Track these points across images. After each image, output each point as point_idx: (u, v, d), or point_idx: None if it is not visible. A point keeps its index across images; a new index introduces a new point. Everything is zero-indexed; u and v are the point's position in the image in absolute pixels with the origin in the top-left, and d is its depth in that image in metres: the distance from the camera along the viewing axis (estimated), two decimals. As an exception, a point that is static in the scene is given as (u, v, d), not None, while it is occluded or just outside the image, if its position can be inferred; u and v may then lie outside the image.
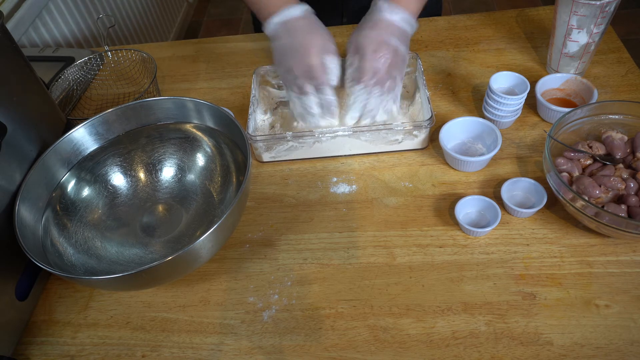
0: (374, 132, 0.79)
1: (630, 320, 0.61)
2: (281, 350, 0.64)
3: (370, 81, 0.76)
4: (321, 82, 0.77)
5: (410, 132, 0.79)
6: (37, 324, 0.70)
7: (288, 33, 0.77)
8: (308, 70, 0.76)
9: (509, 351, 0.60)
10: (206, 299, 0.70)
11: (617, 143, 0.72)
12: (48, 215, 0.69)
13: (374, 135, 0.79)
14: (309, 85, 0.77)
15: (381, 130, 0.78)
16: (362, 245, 0.72)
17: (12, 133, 0.66)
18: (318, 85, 0.77)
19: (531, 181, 0.73)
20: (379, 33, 0.76)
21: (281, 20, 0.77)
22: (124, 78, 1.02)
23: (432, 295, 0.66)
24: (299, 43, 0.76)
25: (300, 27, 0.77)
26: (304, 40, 0.76)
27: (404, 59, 0.78)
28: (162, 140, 0.78)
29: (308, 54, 0.75)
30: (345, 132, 0.78)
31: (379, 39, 0.75)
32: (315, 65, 0.75)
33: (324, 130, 0.79)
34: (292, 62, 0.76)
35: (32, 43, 1.44)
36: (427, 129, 0.79)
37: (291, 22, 0.77)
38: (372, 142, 0.81)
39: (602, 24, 0.80)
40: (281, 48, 0.78)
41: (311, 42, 0.76)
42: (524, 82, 0.81)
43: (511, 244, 0.70)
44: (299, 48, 0.76)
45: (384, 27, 0.76)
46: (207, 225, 0.72)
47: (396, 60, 0.76)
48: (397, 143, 0.80)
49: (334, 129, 0.79)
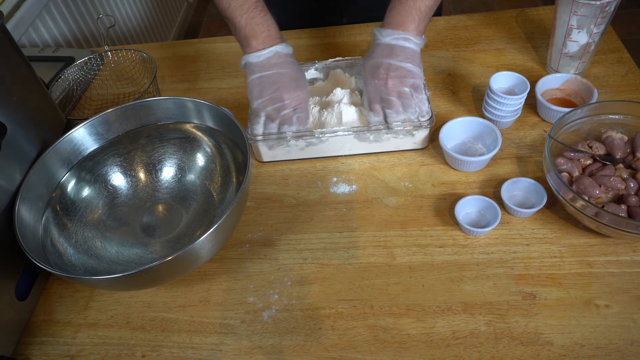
0: (374, 132, 0.79)
1: (630, 320, 0.61)
2: (281, 350, 0.64)
3: (378, 106, 0.78)
4: (305, 116, 0.80)
5: (410, 132, 0.79)
6: (37, 324, 0.70)
7: (282, 64, 0.79)
8: (298, 102, 0.79)
9: (509, 351, 0.60)
10: (206, 299, 0.70)
11: (617, 143, 0.72)
12: (48, 215, 0.69)
13: (374, 135, 0.79)
14: (294, 116, 0.79)
15: (381, 130, 0.78)
16: (362, 245, 0.72)
17: (12, 133, 0.66)
18: (300, 118, 0.80)
19: (531, 181, 0.73)
20: (376, 58, 0.78)
21: (277, 50, 0.79)
22: (124, 78, 1.02)
23: (432, 295, 0.66)
24: (295, 75, 0.80)
25: (292, 62, 0.81)
26: (298, 74, 0.80)
27: (411, 74, 0.78)
28: (162, 140, 0.78)
29: (302, 88, 0.80)
30: (345, 132, 0.78)
31: (376, 64, 0.78)
32: (304, 100, 0.80)
33: (325, 130, 0.79)
34: (285, 91, 0.78)
35: (32, 43, 1.43)
36: (427, 129, 0.79)
37: (284, 56, 0.80)
38: (372, 142, 0.81)
39: (602, 24, 0.80)
40: (273, 77, 0.79)
41: (303, 78, 0.81)
42: (524, 82, 0.81)
43: (511, 244, 0.70)
44: (296, 79, 0.79)
45: (380, 51, 0.78)
46: (207, 225, 0.72)
47: (399, 75, 0.77)
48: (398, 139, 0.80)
49: (334, 129, 0.79)
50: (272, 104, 0.79)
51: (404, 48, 0.78)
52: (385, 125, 0.78)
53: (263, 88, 0.79)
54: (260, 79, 0.79)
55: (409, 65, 0.77)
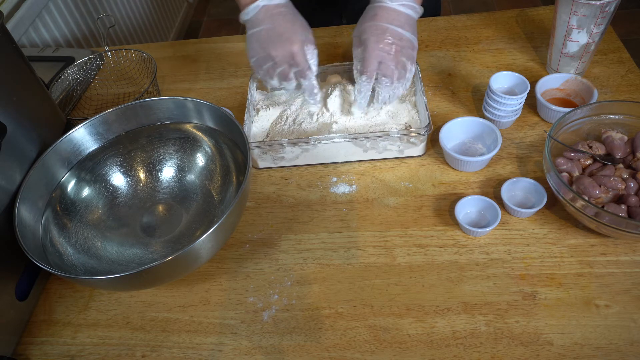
0: (370, 139, 0.78)
1: (630, 320, 0.61)
2: (281, 350, 0.64)
3: (374, 71, 0.76)
4: (303, 68, 0.77)
5: (407, 140, 0.78)
6: (37, 324, 0.70)
7: (270, 19, 0.76)
8: (290, 57, 0.75)
9: (509, 351, 0.60)
10: (206, 299, 0.70)
11: (617, 143, 0.72)
12: (48, 215, 0.69)
13: (370, 143, 0.79)
14: (290, 72, 0.77)
15: (378, 138, 0.78)
16: (362, 245, 0.72)
17: (12, 133, 0.66)
18: (300, 72, 0.77)
19: (531, 181, 0.73)
20: (380, 21, 0.75)
21: (263, 4, 0.76)
22: (124, 78, 1.02)
23: (432, 295, 0.66)
24: (282, 29, 0.75)
25: (283, 14, 0.76)
26: (286, 27, 0.76)
27: (411, 44, 0.76)
28: (162, 140, 0.78)
29: (291, 41, 0.75)
30: (341, 138, 0.78)
31: (381, 28, 0.74)
32: (298, 52, 0.75)
33: (320, 137, 0.78)
34: (272, 48, 0.75)
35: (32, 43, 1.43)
36: (425, 136, 0.79)
37: (273, 9, 0.76)
38: (369, 150, 0.80)
39: (602, 24, 0.80)
40: (260, 34, 0.76)
41: (293, 29, 0.76)
42: (524, 82, 0.81)
43: (511, 244, 0.70)
44: (282, 34, 0.75)
45: (385, 15, 0.75)
46: (207, 225, 0.72)
47: (402, 45, 0.75)
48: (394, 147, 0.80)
49: (330, 135, 0.78)
50: (264, 63, 0.77)
51: (410, 17, 0.75)
52: (382, 133, 0.77)
53: (252, 47, 0.77)
54: (251, 37, 0.78)
55: (412, 35, 0.76)
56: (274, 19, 0.76)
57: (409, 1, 0.75)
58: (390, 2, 0.75)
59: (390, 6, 0.75)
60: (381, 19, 0.75)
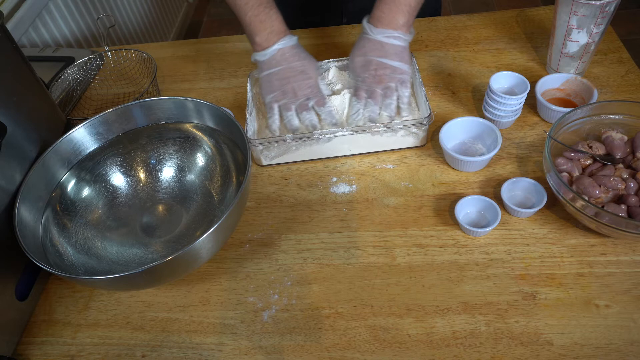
0: (373, 131, 0.79)
1: (630, 320, 0.61)
2: (281, 350, 0.64)
3: (363, 97, 0.82)
4: (321, 98, 0.83)
5: (408, 130, 0.79)
6: (37, 324, 0.70)
7: (286, 60, 0.83)
8: (309, 89, 0.83)
9: (509, 351, 0.60)
10: (206, 299, 0.70)
11: (617, 143, 0.72)
12: (48, 215, 0.69)
13: (373, 134, 0.79)
14: (309, 103, 0.82)
15: (381, 129, 0.78)
16: (362, 245, 0.72)
17: (12, 133, 0.66)
18: (318, 101, 0.82)
19: (531, 181, 0.73)
20: (367, 54, 0.82)
21: (279, 47, 0.83)
22: (124, 78, 1.02)
23: (432, 295, 0.66)
24: (300, 67, 0.83)
25: (296, 54, 0.84)
26: (303, 64, 0.84)
27: (399, 70, 0.82)
28: (162, 140, 0.78)
29: (310, 76, 0.83)
30: (344, 132, 0.79)
31: (367, 60, 0.82)
32: (315, 85, 0.84)
33: (324, 132, 0.79)
34: (295, 83, 0.82)
35: (32, 43, 1.43)
36: (426, 127, 0.79)
37: (287, 51, 0.83)
38: (371, 141, 0.81)
39: (602, 24, 0.80)
40: (279, 72, 0.83)
41: (310, 66, 0.84)
42: (524, 82, 0.81)
43: (511, 244, 0.70)
44: (302, 71, 0.83)
45: (371, 47, 0.82)
46: (207, 225, 0.72)
47: (384, 73, 0.81)
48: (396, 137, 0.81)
49: (333, 129, 0.79)
50: (284, 97, 0.82)
51: (395, 46, 0.82)
52: (384, 124, 0.79)
53: (273, 84, 0.83)
54: (269, 76, 0.84)
55: (398, 63, 0.81)
56: (290, 59, 0.83)
57: (395, 33, 0.81)
58: (374, 35, 0.82)
59: (375, 39, 0.82)
60: (368, 52, 0.82)
